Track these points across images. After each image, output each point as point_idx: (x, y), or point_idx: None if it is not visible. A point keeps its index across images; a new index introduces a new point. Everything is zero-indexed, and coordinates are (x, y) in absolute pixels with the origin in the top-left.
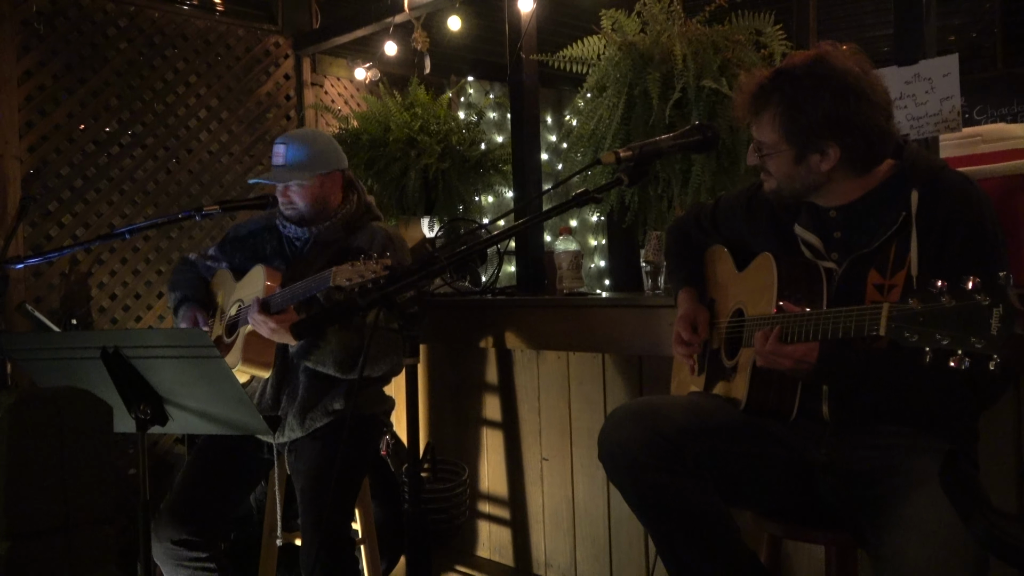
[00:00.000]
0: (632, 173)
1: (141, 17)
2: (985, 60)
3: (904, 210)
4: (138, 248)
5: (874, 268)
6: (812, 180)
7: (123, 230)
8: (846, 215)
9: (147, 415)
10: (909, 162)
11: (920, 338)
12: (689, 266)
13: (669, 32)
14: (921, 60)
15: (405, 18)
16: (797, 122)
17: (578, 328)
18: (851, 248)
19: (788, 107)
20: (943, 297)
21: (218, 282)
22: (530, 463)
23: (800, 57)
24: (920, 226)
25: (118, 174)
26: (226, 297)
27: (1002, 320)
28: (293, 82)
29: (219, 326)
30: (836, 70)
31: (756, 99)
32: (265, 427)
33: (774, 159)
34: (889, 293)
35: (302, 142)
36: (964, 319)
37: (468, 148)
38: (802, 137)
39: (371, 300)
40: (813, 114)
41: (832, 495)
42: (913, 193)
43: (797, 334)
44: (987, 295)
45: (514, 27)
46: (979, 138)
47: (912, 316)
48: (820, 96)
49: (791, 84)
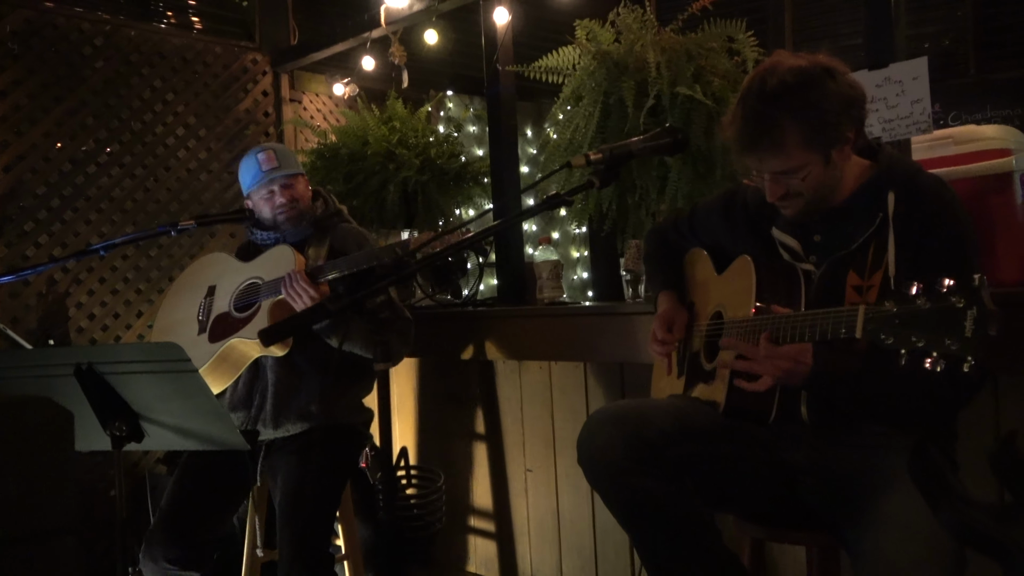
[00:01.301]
0: (603, 175)
1: (117, 36)
2: (959, 67)
3: (881, 211)
4: (116, 267)
5: (852, 269)
6: (835, 178)
7: (99, 246)
8: (828, 217)
9: (123, 432)
10: (885, 165)
11: (896, 340)
12: (668, 270)
13: (643, 41)
14: (891, 64)
15: (383, 33)
16: (818, 122)
17: (559, 337)
18: (830, 250)
19: (804, 116)
20: (919, 299)
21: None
22: (514, 474)
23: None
24: (897, 227)
25: (96, 193)
26: (225, 276)
27: (976, 322)
28: (272, 99)
29: (220, 303)
30: (808, 62)
31: (766, 132)
32: (243, 441)
33: (807, 177)
34: (867, 294)
35: (278, 146)
36: (939, 321)
37: (447, 161)
38: (826, 135)
39: (341, 304)
40: (827, 107)
41: (812, 496)
42: (890, 195)
43: (776, 336)
44: (962, 297)
45: (490, 39)
46: (950, 140)
47: (888, 318)
48: (822, 87)
49: (789, 94)
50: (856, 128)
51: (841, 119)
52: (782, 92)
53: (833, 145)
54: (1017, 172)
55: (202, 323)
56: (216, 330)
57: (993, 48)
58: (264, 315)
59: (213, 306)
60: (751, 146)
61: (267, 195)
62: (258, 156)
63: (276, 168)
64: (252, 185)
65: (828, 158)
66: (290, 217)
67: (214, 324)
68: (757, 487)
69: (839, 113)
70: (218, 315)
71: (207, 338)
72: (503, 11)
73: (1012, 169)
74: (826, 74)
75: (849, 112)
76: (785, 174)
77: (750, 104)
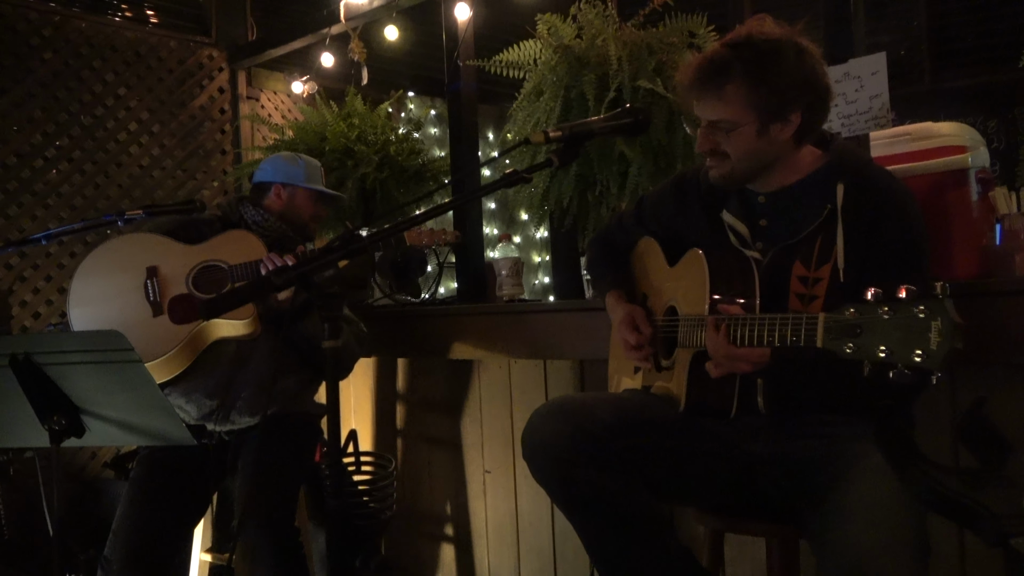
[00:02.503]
0: (562, 154)
1: (67, 27)
2: (913, 75)
3: (830, 203)
4: (64, 265)
5: (799, 260)
6: (769, 154)
7: (39, 236)
8: (773, 202)
9: (61, 426)
10: (836, 155)
11: (859, 350)
12: (613, 269)
13: (604, 35)
14: (850, 59)
15: (342, 29)
16: (764, 87)
17: (519, 335)
18: (775, 239)
19: (754, 74)
20: (880, 307)
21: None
22: (473, 476)
23: (744, 30)
24: (846, 220)
25: (42, 188)
26: (168, 257)
27: (942, 334)
28: (228, 95)
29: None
30: (785, 33)
31: (713, 74)
32: (189, 436)
33: (736, 136)
34: (814, 286)
35: None
36: (903, 331)
37: (407, 158)
38: (769, 104)
39: (287, 278)
40: (780, 77)
41: (773, 487)
42: (839, 186)
43: (733, 336)
44: (925, 307)
45: (451, 35)
46: (908, 136)
47: (849, 328)
48: (784, 58)
49: (751, 51)
50: (803, 113)
51: (789, 95)
52: (744, 45)
53: (772, 117)
54: (973, 169)
55: (155, 304)
56: (179, 312)
57: (947, 57)
58: None
59: (165, 287)
60: (696, 83)
61: (317, 199)
62: (322, 169)
63: None
64: (307, 182)
65: (764, 128)
66: (316, 229)
67: (173, 306)
68: (715, 480)
69: (789, 88)
70: (176, 296)
71: (168, 320)
72: (464, 6)
73: (968, 166)
74: (795, 50)
75: (800, 93)
76: (718, 126)
77: (716, 50)
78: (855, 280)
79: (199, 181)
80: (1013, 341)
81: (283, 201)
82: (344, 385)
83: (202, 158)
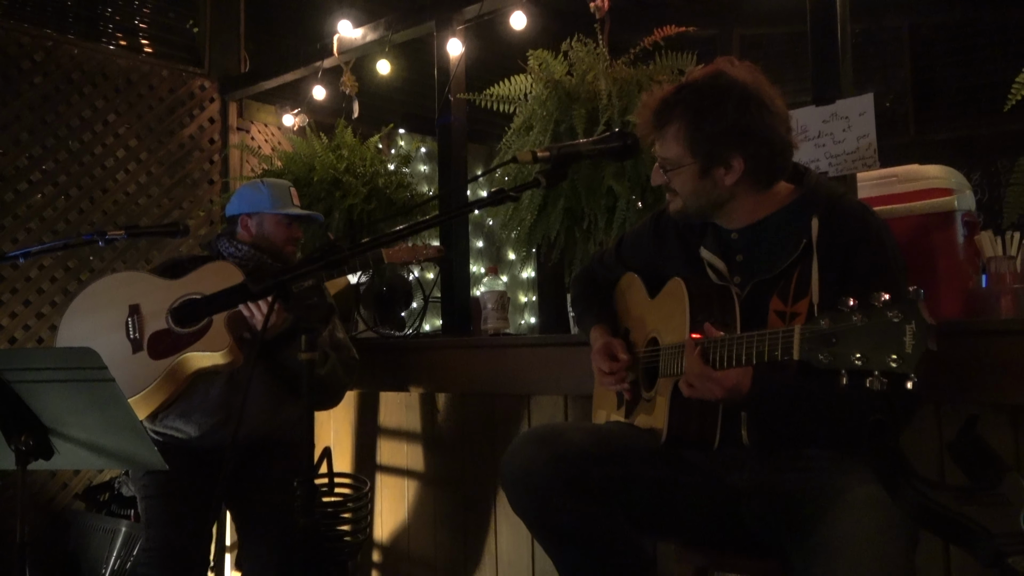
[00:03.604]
0: (550, 174)
1: (59, 52)
2: (898, 127)
3: (805, 237)
4: (43, 290)
5: (776, 294)
6: (717, 195)
7: (17, 253)
8: (747, 237)
9: (29, 446)
10: (810, 188)
11: (834, 359)
12: (597, 305)
13: (595, 71)
14: (838, 100)
15: (335, 62)
16: (701, 133)
17: (502, 369)
18: (753, 272)
19: (692, 119)
20: (854, 315)
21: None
22: (452, 513)
23: (700, 72)
24: (821, 253)
25: (25, 211)
26: (149, 294)
27: (916, 335)
28: (218, 126)
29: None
30: (736, 81)
31: (659, 114)
32: (160, 460)
33: (679, 175)
34: (792, 321)
35: None
36: (877, 337)
37: (395, 191)
38: (707, 149)
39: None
40: (717, 124)
41: (756, 521)
42: (813, 220)
43: (712, 359)
44: (899, 311)
45: (443, 70)
46: (895, 178)
47: (824, 337)
48: (723, 106)
49: (693, 96)
50: (747, 160)
51: (726, 143)
52: (688, 88)
53: (712, 161)
54: (959, 211)
55: (135, 341)
56: (158, 347)
57: (931, 109)
58: (220, 327)
59: (145, 324)
60: (647, 121)
61: (288, 223)
62: (291, 189)
63: (298, 207)
64: (272, 207)
65: (705, 171)
66: (293, 252)
67: (153, 341)
68: (697, 512)
69: (725, 135)
70: (156, 332)
71: (148, 356)
72: (456, 42)
73: (954, 208)
74: (744, 98)
75: (739, 141)
76: (665, 164)
77: (672, 90)
78: None
79: (185, 210)
80: (999, 382)
81: (252, 231)
82: (325, 417)
83: (189, 187)
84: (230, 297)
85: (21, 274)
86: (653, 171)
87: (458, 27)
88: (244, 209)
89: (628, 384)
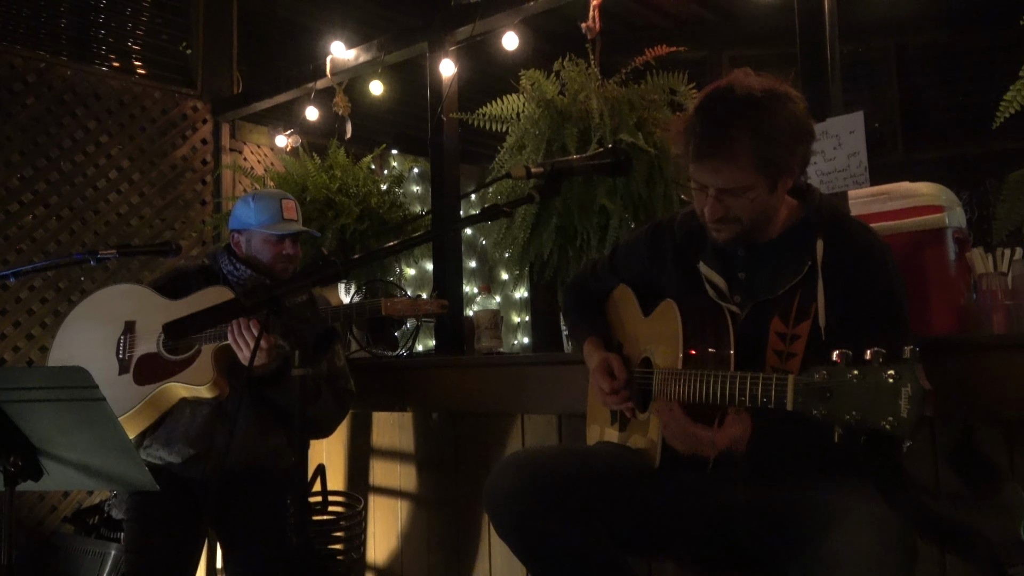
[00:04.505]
0: (543, 189)
1: (51, 73)
2: (887, 147)
3: (810, 259)
4: (33, 311)
5: (777, 315)
6: (774, 209)
7: (7, 272)
8: (753, 255)
9: (17, 467)
10: (814, 208)
11: (828, 414)
12: (591, 317)
13: (587, 91)
14: (828, 118)
15: (327, 83)
16: (772, 145)
17: (495, 388)
18: (754, 292)
19: (761, 133)
20: (850, 371)
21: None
22: (445, 534)
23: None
24: (826, 276)
25: (16, 232)
26: (146, 312)
27: (911, 400)
28: (211, 147)
29: (145, 342)
30: (765, 84)
31: (719, 138)
32: (151, 480)
33: (750, 199)
34: (792, 343)
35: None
36: (872, 396)
37: (388, 211)
38: (778, 159)
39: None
40: (783, 130)
41: (751, 538)
42: (819, 242)
43: (703, 394)
44: (895, 371)
45: (435, 90)
46: (886, 196)
47: (819, 392)
48: (782, 109)
49: (753, 108)
50: (802, 162)
51: (793, 147)
52: (748, 104)
53: (782, 172)
54: (949, 228)
55: (123, 362)
56: (144, 372)
57: (919, 129)
58: (207, 360)
59: (136, 344)
60: (707, 154)
61: (276, 240)
62: (283, 201)
63: (295, 221)
64: (262, 224)
65: (775, 185)
66: (285, 269)
67: (140, 365)
68: (690, 531)
69: (793, 140)
70: (144, 355)
71: (132, 379)
72: (449, 63)
73: (944, 225)
74: (786, 98)
75: (801, 142)
76: (731, 192)
77: (714, 111)
78: (836, 337)
79: (177, 231)
80: (992, 397)
81: (243, 248)
82: None
83: (181, 208)
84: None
85: (11, 295)
86: (710, 206)
87: (450, 48)
88: (234, 225)
89: (631, 404)
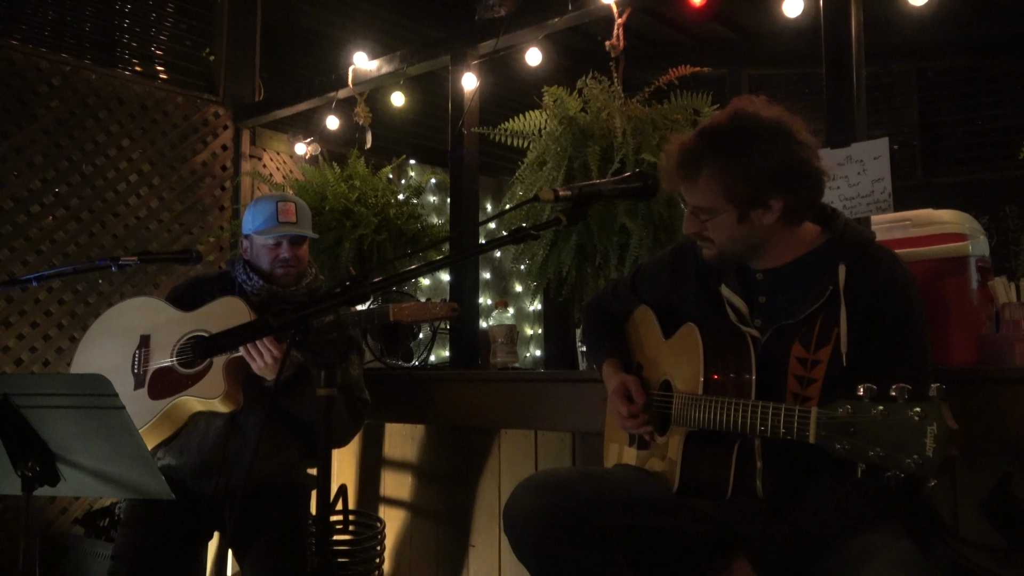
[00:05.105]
0: (570, 213)
1: (76, 77)
2: (906, 170)
3: (832, 284)
4: (51, 312)
5: (798, 341)
6: (755, 238)
7: (31, 276)
8: (772, 279)
9: (35, 473)
10: (838, 233)
11: (852, 450)
12: (610, 338)
13: (609, 109)
14: (853, 143)
15: (349, 93)
16: (735, 178)
17: (509, 404)
18: (775, 317)
19: (723, 165)
20: (874, 407)
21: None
22: (456, 549)
23: (722, 114)
24: (849, 302)
25: (37, 234)
26: (162, 326)
27: (937, 439)
28: (231, 153)
29: (159, 355)
30: (761, 118)
31: (687, 164)
32: (167, 490)
33: (716, 223)
34: (812, 369)
35: (299, 202)
36: (897, 434)
37: (406, 222)
38: (743, 193)
39: (285, 322)
40: (750, 166)
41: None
42: (841, 267)
43: (724, 422)
44: (921, 410)
45: (457, 104)
46: (909, 222)
47: (842, 426)
48: (753, 146)
49: (721, 141)
50: (785, 198)
51: (764, 183)
52: (714, 133)
53: (751, 205)
54: (972, 257)
55: (138, 377)
56: (158, 386)
57: (938, 153)
58: (219, 373)
59: (150, 359)
60: (675, 171)
61: (272, 245)
62: (279, 204)
63: (293, 224)
64: (259, 228)
65: (744, 215)
66: (286, 274)
67: (155, 379)
68: (707, 562)
69: (763, 177)
70: (159, 369)
71: (147, 394)
72: (471, 76)
73: (968, 253)
74: (774, 135)
75: (776, 179)
76: (703, 211)
77: (701, 133)
78: (857, 364)
79: (195, 235)
80: (1014, 431)
81: (248, 254)
82: None
83: (200, 213)
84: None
85: (30, 296)
86: (686, 220)
87: (473, 62)
88: (242, 230)
89: (650, 428)
